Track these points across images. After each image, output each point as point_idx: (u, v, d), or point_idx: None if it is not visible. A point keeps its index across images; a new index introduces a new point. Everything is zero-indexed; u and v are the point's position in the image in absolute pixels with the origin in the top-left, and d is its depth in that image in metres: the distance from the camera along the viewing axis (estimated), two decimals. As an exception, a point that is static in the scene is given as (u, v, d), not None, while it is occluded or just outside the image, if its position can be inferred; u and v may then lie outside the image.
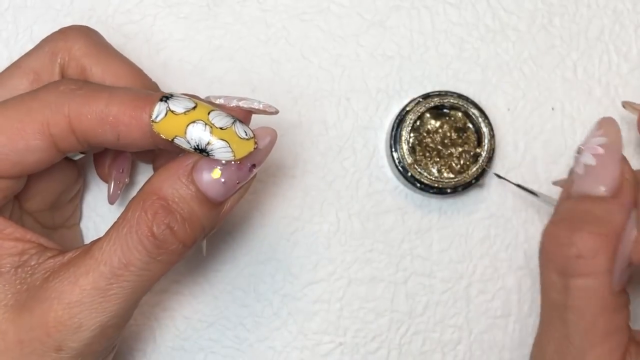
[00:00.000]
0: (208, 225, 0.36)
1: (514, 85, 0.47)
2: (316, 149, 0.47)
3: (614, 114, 0.47)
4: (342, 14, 0.47)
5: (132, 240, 0.34)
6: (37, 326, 0.34)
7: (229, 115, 0.34)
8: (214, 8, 0.47)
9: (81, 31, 0.40)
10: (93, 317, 0.34)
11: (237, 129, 0.34)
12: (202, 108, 0.34)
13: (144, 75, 0.40)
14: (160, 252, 0.34)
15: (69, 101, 0.35)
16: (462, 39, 0.47)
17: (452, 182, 0.45)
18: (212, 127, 0.34)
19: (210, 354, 0.46)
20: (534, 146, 0.47)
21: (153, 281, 0.35)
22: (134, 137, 0.35)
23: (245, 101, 0.36)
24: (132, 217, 0.34)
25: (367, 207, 0.47)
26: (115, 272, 0.34)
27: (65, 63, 0.39)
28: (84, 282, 0.34)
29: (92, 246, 0.35)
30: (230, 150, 0.34)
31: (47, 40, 0.39)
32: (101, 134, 0.35)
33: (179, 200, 0.34)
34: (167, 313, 0.46)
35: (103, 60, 0.39)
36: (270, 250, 0.46)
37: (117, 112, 0.34)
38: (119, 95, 0.35)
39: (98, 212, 0.46)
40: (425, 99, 0.46)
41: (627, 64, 0.48)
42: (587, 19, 0.48)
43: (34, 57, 0.39)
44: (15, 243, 0.35)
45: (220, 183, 0.34)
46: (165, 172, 0.35)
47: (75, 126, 0.35)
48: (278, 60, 0.47)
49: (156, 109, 0.34)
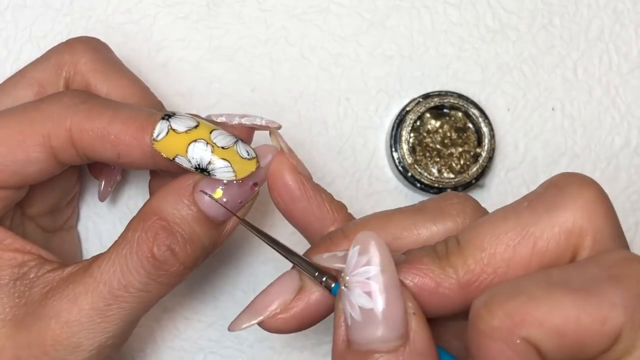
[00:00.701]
0: (210, 245, 0.35)
1: (514, 85, 0.47)
2: (316, 149, 0.46)
3: (614, 114, 0.47)
4: (342, 14, 0.47)
5: (132, 261, 0.34)
6: (34, 344, 0.34)
7: (231, 135, 0.34)
8: (213, 8, 0.47)
9: (89, 44, 0.39)
10: (91, 337, 0.34)
11: (239, 148, 0.34)
12: (204, 127, 0.34)
13: (150, 93, 0.40)
14: (160, 273, 0.34)
15: (72, 115, 0.34)
16: (462, 39, 0.47)
17: (452, 182, 0.45)
18: (214, 146, 0.33)
19: (210, 354, 0.46)
20: (534, 146, 0.47)
21: (153, 302, 0.35)
22: (135, 157, 0.34)
23: (247, 118, 0.35)
24: (132, 238, 0.34)
25: (367, 207, 0.47)
26: (115, 293, 0.34)
27: (70, 77, 0.38)
28: (82, 302, 0.34)
29: (91, 263, 0.35)
30: (232, 170, 0.33)
31: (54, 52, 0.39)
32: (101, 151, 0.34)
33: (180, 221, 0.34)
34: (167, 313, 0.46)
35: (109, 77, 0.38)
36: (270, 250, 0.46)
37: (118, 132, 0.34)
38: (122, 114, 0.34)
39: (98, 212, 0.46)
40: (425, 99, 0.46)
41: (628, 64, 0.48)
42: (588, 18, 0.48)
43: (39, 68, 0.38)
44: (15, 254, 0.35)
45: (222, 203, 0.34)
46: (166, 191, 0.35)
47: (76, 140, 0.34)
48: (278, 60, 0.47)
49: (158, 127, 0.33)
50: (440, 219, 0.32)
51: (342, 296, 0.30)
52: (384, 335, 0.29)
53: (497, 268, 0.29)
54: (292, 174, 0.35)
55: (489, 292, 0.28)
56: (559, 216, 0.29)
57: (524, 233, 0.29)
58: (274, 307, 0.34)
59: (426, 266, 0.30)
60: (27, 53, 0.46)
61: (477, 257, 0.29)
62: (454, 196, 0.33)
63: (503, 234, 0.29)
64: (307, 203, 0.35)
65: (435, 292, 0.30)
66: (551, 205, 0.29)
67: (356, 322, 0.29)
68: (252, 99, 0.46)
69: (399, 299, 0.29)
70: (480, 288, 0.29)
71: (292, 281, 0.34)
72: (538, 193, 0.30)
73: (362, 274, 0.29)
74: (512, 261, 0.29)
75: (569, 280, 0.27)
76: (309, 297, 0.33)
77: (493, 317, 0.27)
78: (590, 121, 0.47)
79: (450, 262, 0.30)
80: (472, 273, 0.29)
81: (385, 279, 0.29)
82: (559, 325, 0.26)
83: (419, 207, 0.33)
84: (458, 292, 0.30)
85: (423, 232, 0.32)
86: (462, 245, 0.30)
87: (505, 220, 0.30)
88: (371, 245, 0.29)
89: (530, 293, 0.27)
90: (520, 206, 0.30)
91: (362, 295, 0.29)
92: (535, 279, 0.28)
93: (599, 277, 0.27)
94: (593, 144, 0.47)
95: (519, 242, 0.29)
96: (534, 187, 0.47)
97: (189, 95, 0.46)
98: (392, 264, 0.29)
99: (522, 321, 0.27)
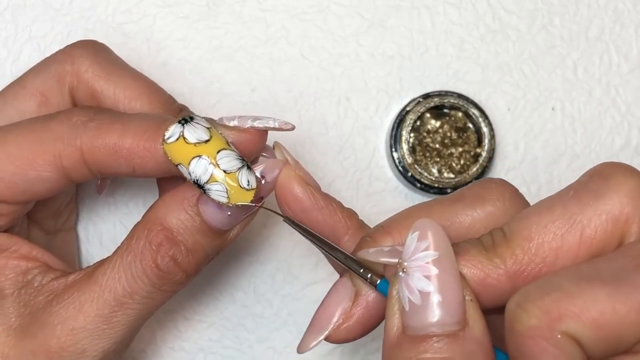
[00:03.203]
0: (212, 253, 0.36)
1: (514, 85, 0.47)
2: (316, 149, 0.46)
3: (614, 114, 0.47)
4: (342, 14, 0.47)
5: (137, 269, 0.34)
6: (39, 351, 0.34)
7: (238, 158, 0.33)
8: (213, 8, 0.47)
9: (87, 50, 0.38)
10: (96, 343, 0.34)
11: (241, 176, 0.33)
12: (214, 143, 0.33)
13: (158, 88, 0.39)
14: (164, 282, 0.34)
15: (82, 134, 0.34)
16: (462, 39, 0.47)
17: (452, 182, 0.45)
18: (216, 166, 0.33)
19: (210, 355, 0.46)
20: (534, 146, 0.47)
21: (156, 308, 0.35)
22: (150, 168, 0.34)
23: (260, 120, 0.35)
24: (136, 246, 0.34)
25: (367, 207, 0.47)
26: (120, 300, 0.34)
27: (75, 86, 0.38)
28: (88, 309, 0.34)
29: (95, 270, 0.35)
30: (226, 196, 0.33)
31: (53, 61, 0.38)
32: (116, 166, 0.34)
33: (183, 231, 0.34)
34: (168, 314, 0.46)
35: (114, 79, 0.38)
36: (270, 250, 0.46)
37: (130, 145, 0.34)
38: (132, 126, 0.34)
39: (98, 212, 0.46)
40: (425, 99, 0.46)
41: (628, 64, 0.48)
42: (588, 18, 0.48)
43: (39, 79, 0.38)
44: (19, 262, 0.35)
45: (225, 214, 0.34)
46: (171, 200, 0.34)
47: (88, 159, 0.34)
48: (278, 60, 0.47)
49: (171, 129, 0.33)
50: (480, 205, 0.33)
51: (399, 282, 0.29)
52: (443, 319, 0.28)
53: (545, 257, 0.29)
54: (301, 186, 0.35)
55: (522, 292, 0.28)
56: (605, 204, 0.29)
57: (572, 222, 0.29)
58: (336, 319, 0.33)
59: (474, 257, 0.30)
60: (27, 53, 0.46)
61: (525, 247, 0.29)
62: (491, 182, 0.34)
63: (550, 222, 0.29)
64: (319, 213, 0.35)
65: (483, 283, 0.30)
66: (597, 193, 0.29)
67: (414, 307, 0.29)
68: (252, 99, 0.46)
69: (458, 284, 0.29)
70: (529, 278, 0.29)
71: (346, 288, 0.33)
72: (582, 182, 0.30)
73: (422, 258, 0.29)
74: (560, 250, 0.29)
75: (600, 273, 0.28)
76: (367, 299, 0.33)
77: (530, 316, 0.27)
78: (591, 121, 0.47)
79: (497, 253, 0.30)
80: (520, 263, 0.29)
81: (445, 263, 0.29)
82: (596, 317, 0.26)
83: (458, 196, 0.34)
84: (507, 283, 0.30)
85: (465, 219, 0.33)
86: (509, 236, 0.30)
87: (552, 210, 0.30)
88: (430, 231, 0.29)
89: (563, 288, 0.27)
90: (566, 196, 0.30)
91: (421, 279, 0.29)
92: (565, 274, 0.28)
93: (629, 267, 0.28)
94: (593, 144, 0.47)
95: (566, 231, 0.29)
96: (534, 187, 0.47)
97: (189, 95, 0.46)
98: (450, 249, 0.29)
99: (560, 316, 0.27)
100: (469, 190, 0.34)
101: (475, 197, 0.33)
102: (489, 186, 0.33)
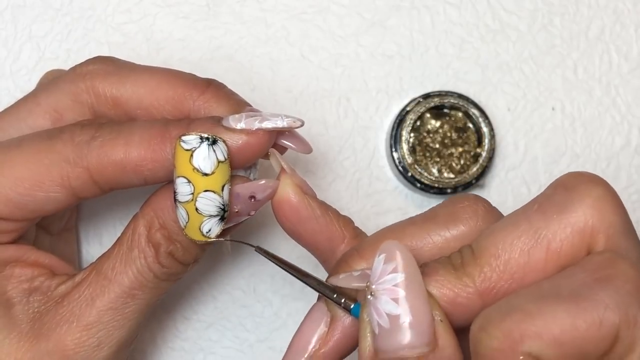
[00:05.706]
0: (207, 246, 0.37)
1: (514, 85, 0.47)
2: (316, 149, 0.46)
3: (614, 113, 0.47)
4: (342, 14, 0.47)
5: (142, 264, 0.35)
6: (54, 351, 0.34)
7: (218, 208, 0.33)
8: (213, 8, 0.47)
9: (95, 65, 0.37)
10: (111, 334, 0.35)
11: (207, 224, 0.33)
12: (212, 179, 0.33)
13: (175, 72, 0.38)
14: (167, 274, 0.36)
15: (87, 154, 0.34)
16: (462, 39, 0.47)
17: (452, 182, 0.45)
18: (193, 200, 0.33)
19: (210, 355, 0.46)
20: (534, 146, 0.47)
21: (164, 293, 0.37)
22: (161, 176, 0.34)
23: (268, 121, 0.34)
24: (139, 242, 0.35)
25: (367, 207, 0.47)
26: (129, 292, 0.35)
27: (93, 103, 0.37)
28: (100, 304, 0.35)
29: (102, 265, 0.35)
30: (184, 225, 0.34)
31: (64, 81, 0.37)
32: (127, 181, 0.35)
33: (179, 230, 0.34)
34: (167, 314, 0.46)
35: (130, 80, 0.37)
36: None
37: (137, 159, 0.34)
38: (135, 137, 0.34)
39: (98, 212, 0.46)
40: (425, 99, 0.46)
41: (628, 64, 0.48)
42: (588, 18, 0.48)
43: (53, 97, 0.37)
44: (25, 270, 0.36)
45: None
46: (170, 201, 0.34)
47: (97, 179, 0.34)
48: (278, 60, 0.47)
49: (191, 139, 0.32)
50: (452, 225, 0.32)
51: (367, 306, 0.29)
52: (412, 342, 0.29)
53: (514, 274, 0.29)
54: (298, 195, 0.34)
55: (483, 315, 0.28)
56: (569, 217, 0.29)
57: (537, 236, 0.29)
58: (312, 345, 0.33)
59: (443, 277, 0.30)
60: (27, 53, 0.46)
61: (493, 264, 0.29)
62: (464, 199, 0.33)
63: (516, 239, 0.29)
64: (316, 222, 0.35)
65: (454, 302, 0.30)
66: (561, 206, 0.29)
67: (383, 330, 0.29)
68: (252, 98, 0.46)
69: (426, 306, 0.29)
70: (499, 295, 0.29)
71: (321, 313, 0.34)
72: (547, 195, 0.30)
73: (389, 281, 0.29)
74: (528, 265, 0.29)
75: (559, 290, 0.28)
76: (343, 324, 0.33)
77: (492, 338, 0.27)
78: (591, 121, 0.47)
79: (466, 271, 0.30)
80: (489, 280, 0.29)
81: (412, 285, 0.29)
82: (557, 335, 0.26)
83: (430, 214, 0.33)
84: (477, 301, 0.29)
85: (437, 239, 0.32)
86: (477, 254, 0.30)
87: (517, 225, 0.30)
88: (396, 253, 0.29)
89: (523, 308, 0.27)
90: (530, 210, 0.30)
91: (389, 302, 0.29)
92: (525, 293, 0.28)
93: (588, 282, 0.27)
94: (593, 144, 0.47)
95: (532, 246, 0.29)
96: (534, 187, 0.47)
97: (189, 95, 0.46)
98: (417, 271, 0.29)
99: (521, 337, 0.27)
100: (441, 209, 0.33)
101: (448, 215, 0.33)
102: (462, 204, 0.33)
